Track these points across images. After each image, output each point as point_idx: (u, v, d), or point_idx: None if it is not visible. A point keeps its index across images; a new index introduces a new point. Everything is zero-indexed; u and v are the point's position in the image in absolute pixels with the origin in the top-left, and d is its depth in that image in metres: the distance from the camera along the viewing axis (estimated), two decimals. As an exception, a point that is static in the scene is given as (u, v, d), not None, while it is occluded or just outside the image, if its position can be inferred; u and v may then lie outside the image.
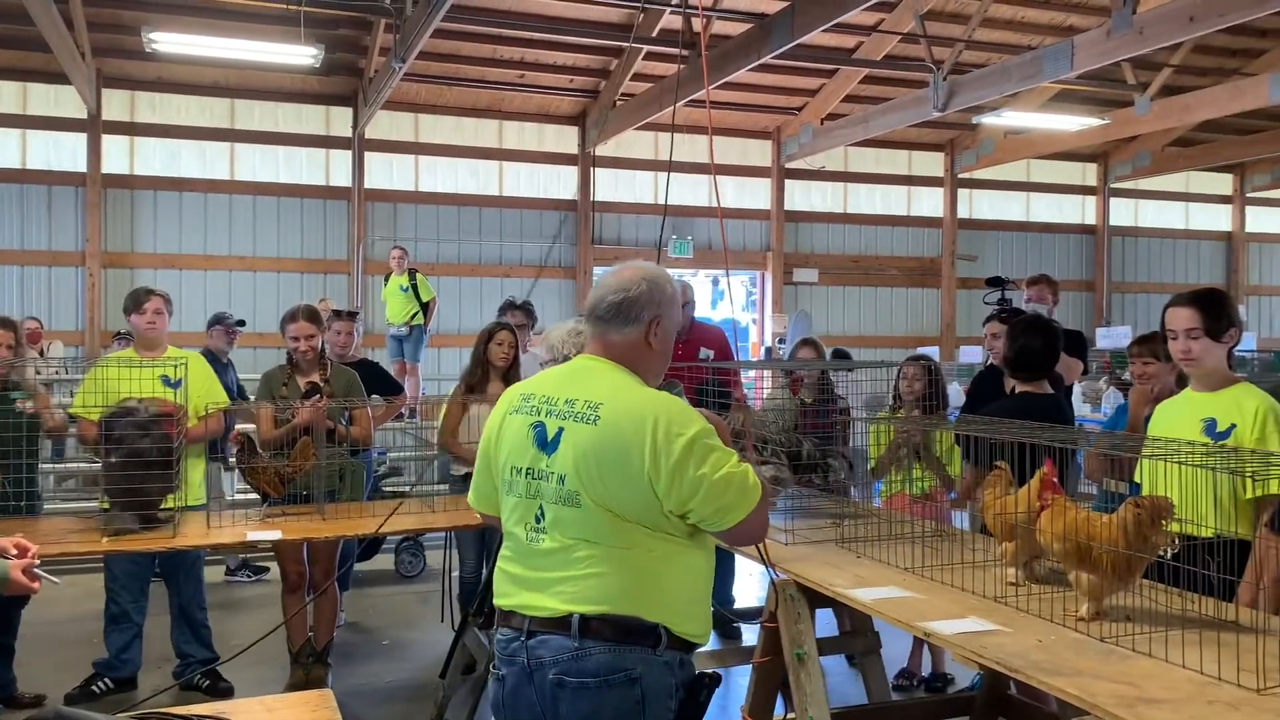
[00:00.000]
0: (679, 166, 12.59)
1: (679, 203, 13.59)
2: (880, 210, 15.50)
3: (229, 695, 4.86)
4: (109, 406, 4.54)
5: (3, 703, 4.86)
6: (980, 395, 5.12)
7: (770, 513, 2.78)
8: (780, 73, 12.63)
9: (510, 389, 2.68)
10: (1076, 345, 5.69)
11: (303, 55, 9.20)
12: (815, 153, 14.06)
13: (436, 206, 13.18)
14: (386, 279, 11.57)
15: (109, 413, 4.45)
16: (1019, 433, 3.05)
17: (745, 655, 4.12)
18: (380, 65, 11.17)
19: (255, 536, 4.36)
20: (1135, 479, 3.56)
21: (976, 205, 16.02)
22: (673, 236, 13.67)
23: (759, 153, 14.68)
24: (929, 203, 15.70)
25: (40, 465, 5.51)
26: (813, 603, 3.28)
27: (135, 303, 5.15)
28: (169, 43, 8.87)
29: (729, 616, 6.02)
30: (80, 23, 10.41)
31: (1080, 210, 16.63)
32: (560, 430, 2.40)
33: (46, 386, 7.91)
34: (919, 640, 5.03)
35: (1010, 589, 2.99)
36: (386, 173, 13.04)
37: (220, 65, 11.43)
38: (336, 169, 12.81)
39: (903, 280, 15.53)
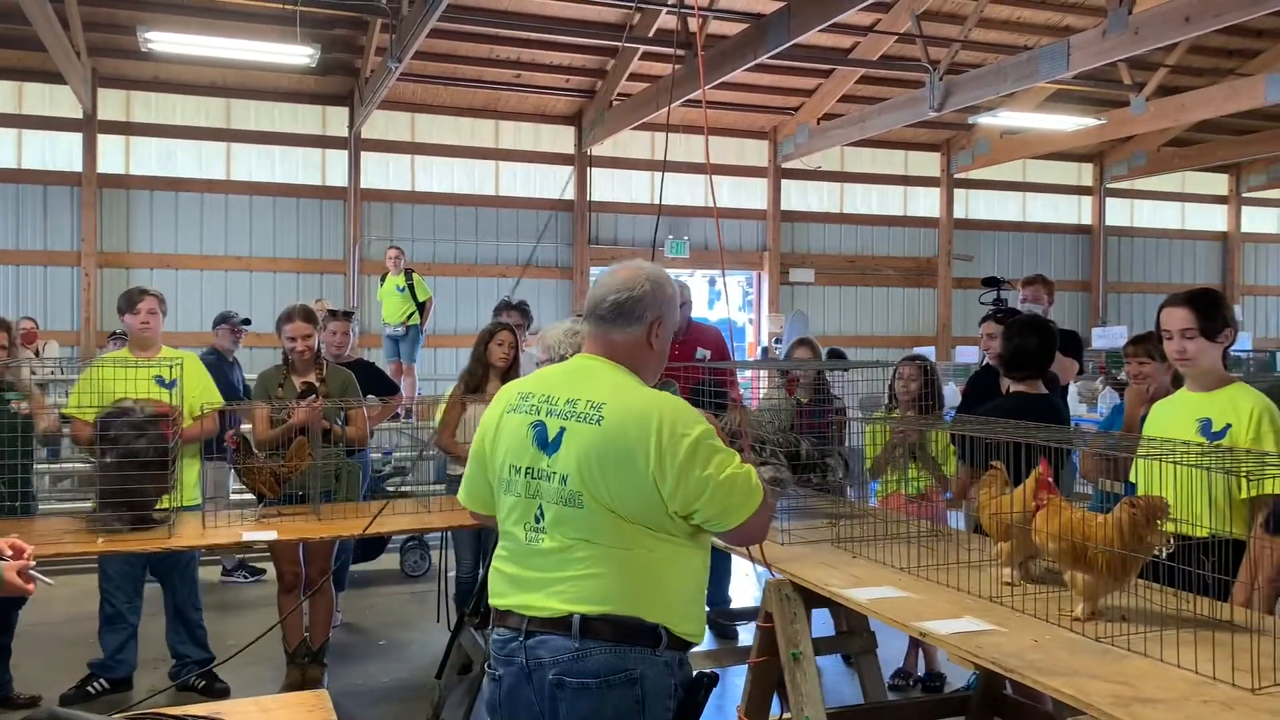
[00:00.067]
0: (675, 166, 12.56)
1: (675, 203, 13.56)
2: (876, 210, 15.50)
3: (225, 696, 4.85)
4: (104, 407, 4.53)
5: (-2, 703, 4.86)
6: (976, 395, 5.13)
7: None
8: (776, 73, 12.62)
9: (507, 386, 2.63)
10: (1072, 345, 5.71)
11: (299, 55, 9.20)
12: (811, 153, 14.06)
13: (433, 206, 13.16)
14: (383, 279, 11.57)
15: (104, 413, 4.45)
16: (1014, 433, 3.05)
17: (741, 655, 4.12)
18: (376, 65, 11.15)
19: (250, 537, 4.35)
20: (1130, 479, 3.56)
21: (972, 205, 16.03)
22: (669, 236, 13.66)
23: (755, 153, 14.67)
24: (925, 203, 15.71)
25: (35, 466, 5.51)
26: (808, 603, 3.28)
27: (129, 303, 5.15)
28: (165, 42, 8.86)
29: (723, 620, 6.02)
30: (76, 22, 10.38)
31: (1076, 210, 16.64)
32: (562, 430, 2.38)
33: (41, 387, 7.90)
34: (915, 640, 5.05)
35: (1006, 589, 3.00)
36: (383, 172, 13.02)
37: (216, 65, 11.41)
38: (333, 169, 12.80)
39: (899, 280, 15.53)
